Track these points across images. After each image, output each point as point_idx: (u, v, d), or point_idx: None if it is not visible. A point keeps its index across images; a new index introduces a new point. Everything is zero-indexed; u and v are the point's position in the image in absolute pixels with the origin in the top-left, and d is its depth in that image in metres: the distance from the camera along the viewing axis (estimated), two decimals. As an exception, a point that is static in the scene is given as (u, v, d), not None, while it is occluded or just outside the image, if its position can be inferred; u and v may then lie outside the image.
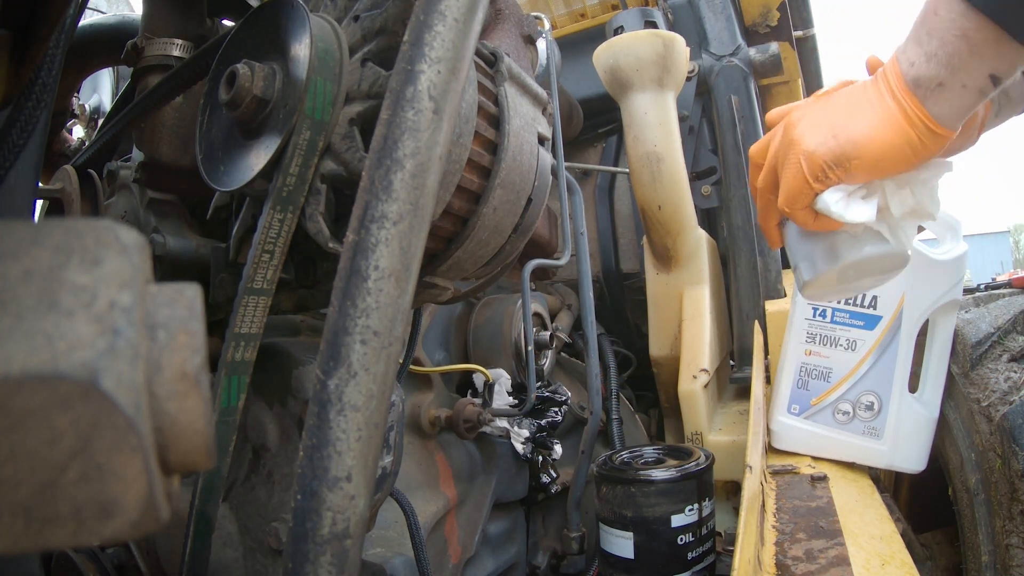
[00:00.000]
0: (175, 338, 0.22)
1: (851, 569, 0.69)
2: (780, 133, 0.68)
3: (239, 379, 0.50)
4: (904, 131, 0.59)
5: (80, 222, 0.21)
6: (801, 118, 0.65)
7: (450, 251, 0.55)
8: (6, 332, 0.19)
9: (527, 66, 0.68)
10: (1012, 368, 1.06)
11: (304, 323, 0.77)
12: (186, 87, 0.65)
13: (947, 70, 0.57)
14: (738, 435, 1.10)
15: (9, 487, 0.19)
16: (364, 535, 0.35)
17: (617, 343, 1.40)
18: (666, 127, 1.14)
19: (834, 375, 1.07)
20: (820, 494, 0.91)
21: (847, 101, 0.63)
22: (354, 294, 0.35)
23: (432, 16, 0.39)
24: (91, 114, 1.23)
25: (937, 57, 0.57)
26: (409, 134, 0.37)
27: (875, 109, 0.61)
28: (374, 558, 0.68)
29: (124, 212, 0.73)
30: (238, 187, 0.54)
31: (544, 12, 1.63)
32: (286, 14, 0.53)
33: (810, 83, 1.90)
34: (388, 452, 0.59)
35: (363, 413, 0.34)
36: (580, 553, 1.07)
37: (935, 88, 0.58)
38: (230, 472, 0.62)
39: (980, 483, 1.05)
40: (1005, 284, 1.69)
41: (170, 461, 0.22)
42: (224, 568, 0.62)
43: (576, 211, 1.09)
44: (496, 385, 0.97)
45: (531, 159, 0.58)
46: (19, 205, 0.52)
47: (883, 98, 0.60)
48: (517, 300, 1.11)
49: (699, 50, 1.46)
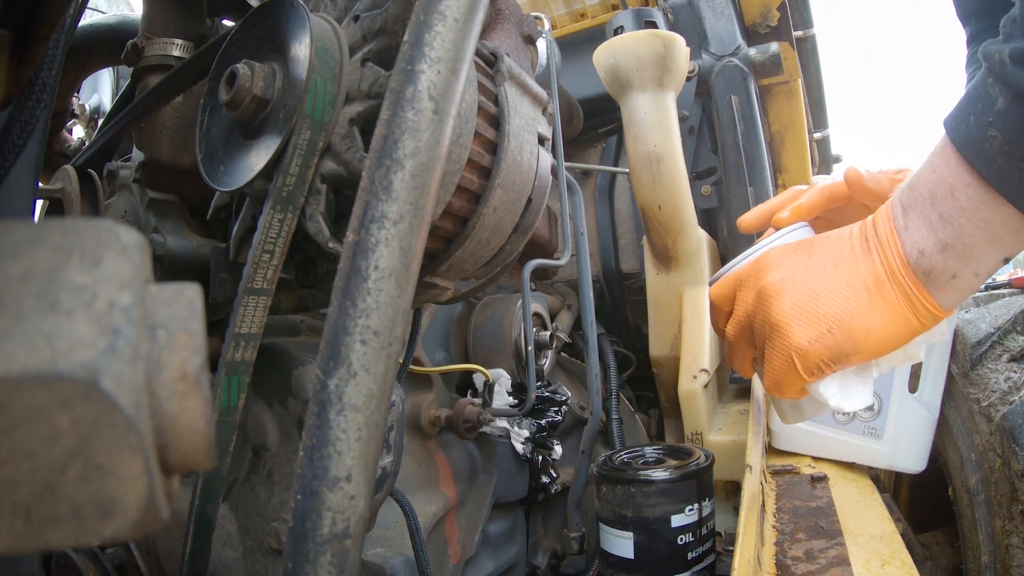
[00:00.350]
0: (175, 338, 0.22)
1: (851, 569, 0.69)
2: (753, 298, 0.60)
3: (239, 379, 0.50)
4: (909, 323, 0.54)
5: (80, 222, 0.21)
6: (781, 291, 0.57)
7: (450, 251, 0.55)
8: (6, 332, 0.19)
9: (527, 66, 0.68)
10: (1012, 368, 1.06)
11: (304, 323, 0.77)
12: (186, 87, 0.65)
13: (963, 262, 0.52)
14: (738, 435, 1.10)
15: (9, 487, 0.19)
16: (364, 535, 0.35)
17: (617, 343, 1.40)
18: (666, 127, 1.14)
19: (834, 375, 1.07)
20: (820, 494, 0.91)
21: (837, 278, 0.56)
22: (354, 294, 0.35)
23: (432, 16, 0.39)
24: (91, 114, 1.23)
25: (953, 249, 0.52)
26: (409, 134, 0.37)
27: (876, 300, 0.54)
28: (374, 558, 0.68)
29: (124, 212, 0.73)
30: (238, 187, 0.54)
31: (544, 12, 1.63)
32: (286, 14, 0.53)
33: (810, 83, 1.90)
34: (388, 452, 0.59)
35: (363, 413, 0.34)
36: (580, 553, 1.07)
37: (948, 280, 0.53)
38: (230, 472, 0.62)
39: (980, 483, 1.05)
40: (1005, 284, 1.69)
41: (170, 461, 0.22)
42: (224, 568, 0.62)
43: (576, 211, 1.09)
44: (496, 385, 0.97)
45: (531, 159, 0.58)
46: (19, 205, 0.52)
47: (885, 286, 0.54)
48: (517, 300, 1.11)
49: (699, 50, 1.46)
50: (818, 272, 0.56)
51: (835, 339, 0.55)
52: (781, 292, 0.57)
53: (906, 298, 0.54)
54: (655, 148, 1.14)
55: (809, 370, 0.57)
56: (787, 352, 0.57)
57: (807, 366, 0.56)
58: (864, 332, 0.54)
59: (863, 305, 0.55)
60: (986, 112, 0.49)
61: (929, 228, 0.52)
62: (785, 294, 0.57)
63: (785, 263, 0.59)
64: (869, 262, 0.55)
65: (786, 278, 0.58)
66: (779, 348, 0.58)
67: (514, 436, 0.98)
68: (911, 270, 0.53)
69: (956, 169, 0.51)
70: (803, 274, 0.57)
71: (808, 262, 0.57)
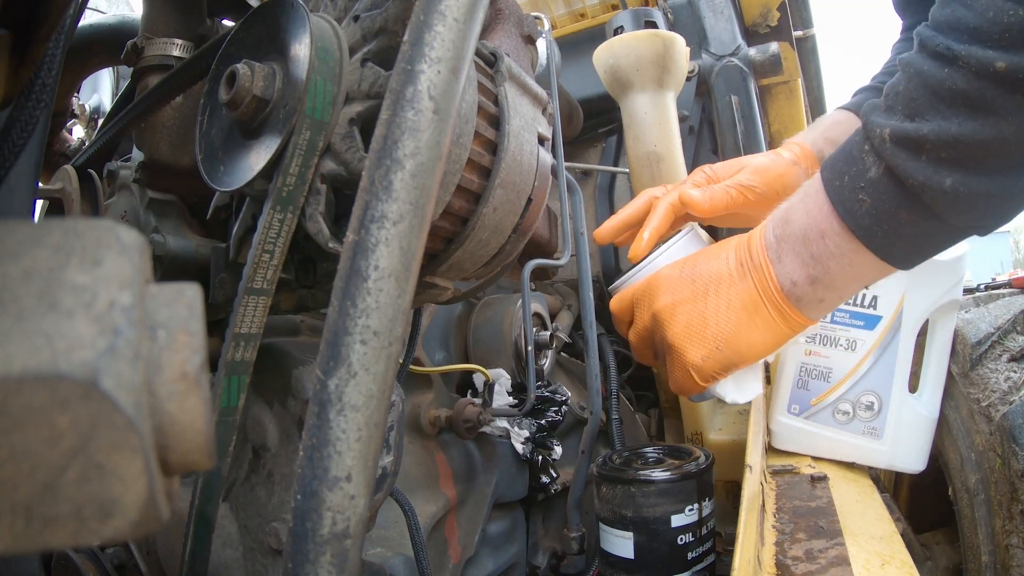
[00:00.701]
0: (175, 338, 0.22)
1: (851, 569, 0.69)
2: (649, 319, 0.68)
3: (239, 379, 0.50)
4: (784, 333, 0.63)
5: (80, 222, 0.21)
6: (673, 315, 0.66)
7: (450, 251, 0.55)
8: (6, 332, 0.19)
9: (527, 66, 0.68)
10: (1012, 368, 1.06)
11: (304, 323, 0.77)
12: (186, 87, 0.65)
13: (829, 291, 0.61)
14: (738, 435, 1.10)
15: (9, 487, 0.19)
16: (364, 535, 0.35)
17: (617, 343, 1.40)
18: (666, 127, 1.14)
19: (834, 375, 1.07)
20: (820, 494, 0.91)
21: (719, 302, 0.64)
22: (354, 294, 0.35)
23: (432, 16, 0.39)
24: (91, 114, 1.23)
25: (821, 282, 0.60)
26: (409, 134, 0.37)
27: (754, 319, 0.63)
28: (374, 558, 0.68)
29: (124, 212, 0.73)
30: (238, 187, 0.54)
31: (544, 12, 1.63)
32: (286, 14, 0.53)
33: (810, 83, 1.90)
34: (388, 452, 0.59)
35: (363, 413, 0.34)
36: (580, 553, 1.07)
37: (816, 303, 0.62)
38: (230, 472, 0.62)
39: (980, 483, 1.05)
40: (1005, 284, 1.69)
41: (170, 461, 0.22)
42: (224, 568, 0.62)
43: (576, 211, 1.09)
44: (496, 385, 0.97)
45: (531, 159, 0.58)
46: (19, 205, 0.52)
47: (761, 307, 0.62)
48: (517, 300, 1.11)
49: (699, 50, 1.45)
50: (702, 297, 0.65)
51: (723, 354, 0.64)
52: (673, 316, 0.66)
53: (780, 316, 0.62)
54: (655, 148, 1.14)
55: (704, 379, 0.66)
56: (684, 367, 0.66)
57: (702, 376, 0.66)
58: (747, 346, 0.64)
59: (743, 324, 0.63)
60: (859, 177, 0.56)
61: (801, 264, 0.60)
62: (676, 318, 0.66)
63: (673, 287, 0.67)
64: (746, 285, 0.63)
65: (676, 303, 0.66)
66: (677, 363, 0.67)
67: (514, 436, 0.98)
68: (784, 295, 0.62)
69: (828, 217, 0.59)
70: (690, 299, 0.65)
71: (693, 287, 0.66)
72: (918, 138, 0.52)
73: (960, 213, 0.53)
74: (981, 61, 0.48)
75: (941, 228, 0.54)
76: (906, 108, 0.53)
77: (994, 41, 0.47)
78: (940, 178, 0.51)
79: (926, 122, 0.51)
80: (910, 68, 0.54)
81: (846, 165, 0.58)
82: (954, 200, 0.52)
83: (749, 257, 0.64)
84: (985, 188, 0.51)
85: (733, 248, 0.66)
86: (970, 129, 0.49)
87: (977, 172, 0.50)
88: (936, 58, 0.51)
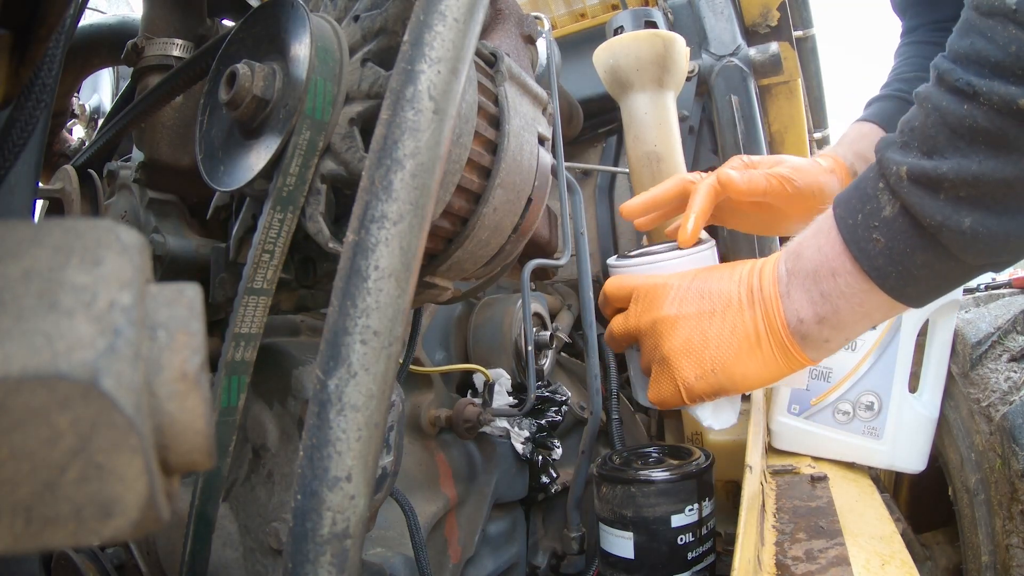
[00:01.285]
0: (175, 338, 0.22)
1: (851, 569, 0.69)
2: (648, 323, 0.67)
3: (239, 379, 0.50)
4: (781, 370, 0.62)
5: (80, 222, 0.21)
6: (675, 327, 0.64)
7: (450, 251, 0.55)
8: (6, 332, 0.19)
9: (527, 66, 0.68)
10: (1012, 368, 1.06)
11: (304, 323, 0.77)
12: (186, 87, 0.65)
13: (836, 332, 0.59)
14: (738, 435, 1.10)
15: (9, 487, 0.19)
16: (364, 535, 0.35)
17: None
18: (666, 127, 1.14)
19: (834, 375, 1.07)
20: (820, 494, 0.91)
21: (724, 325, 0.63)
22: (354, 294, 0.35)
23: (432, 16, 0.39)
24: (91, 114, 1.23)
25: (829, 321, 0.59)
26: (409, 134, 0.37)
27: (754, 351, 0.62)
28: (374, 558, 0.68)
29: (124, 212, 0.73)
30: (238, 187, 0.54)
31: (544, 12, 1.63)
32: (286, 14, 0.53)
33: (810, 83, 1.90)
34: (388, 452, 0.59)
35: (363, 413, 0.34)
36: (580, 553, 1.07)
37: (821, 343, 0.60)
38: (230, 472, 0.62)
39: (980, 483, 1.05)
40: (1005, 284, 1.69)
41: (170, 461, 0.22)
42: (224, 568, 0.62)
43: (576, 211, 1.09)
44: (496, 385, 0.97)
45: (531, 159, 0.58)
46: (19, 205, 0.52)
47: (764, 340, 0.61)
48: (517, 300, 1.11)
49: (699, 50, 1.45)
50: (708, 317, 0.64)
51: (717, 379, 0.63)
52: (674, 329, 0.65)
53: (782, 352, 0.61)
54: (655, 148, 1.14)
55: (691, 399, 0.65)
56: (674, 381, 0.65)
57: (690, 396, 0.65)
58: (742, 375, 0.63)
59: (743, 353, 0.62)
60: (873, 216, 0.55)
61: (810, 301, 0.59)
62: (677, 332, 0.64)
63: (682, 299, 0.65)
64: (752, 315, 0.62)
65: (680, 316, 0.65)
66: (667, 377, 0.66)
67: (514, 436, 0.98)
68: (790, 332, 0.60)
69: (840, 256, 0.57)
70: (695, 317, 0.64)
71: (700, 304, 0.64)
72: (936, 176, 0.50)
73: (978, 253, 0.51)
74: (1003, 98, 0.46)
75: (957, 267, 0.53)
76: (923, 145, 0.52)
77: (1017, 77, 0.46)
78: (959, 218, 0.50)
79: (945, 160, 0.50)
80: (928, 103, 0.52)
81: (860, 203, 0.56)
82: (972, 240, 0.50)
83: (760, 288, 0.62)
84: (1005, 228, 0.49)
85: (747, 273, 0.65)
86: (991, 167, 0.48)
87: (997, 211, 0.49)
88: (955, 93, 0.49)
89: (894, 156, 0.53)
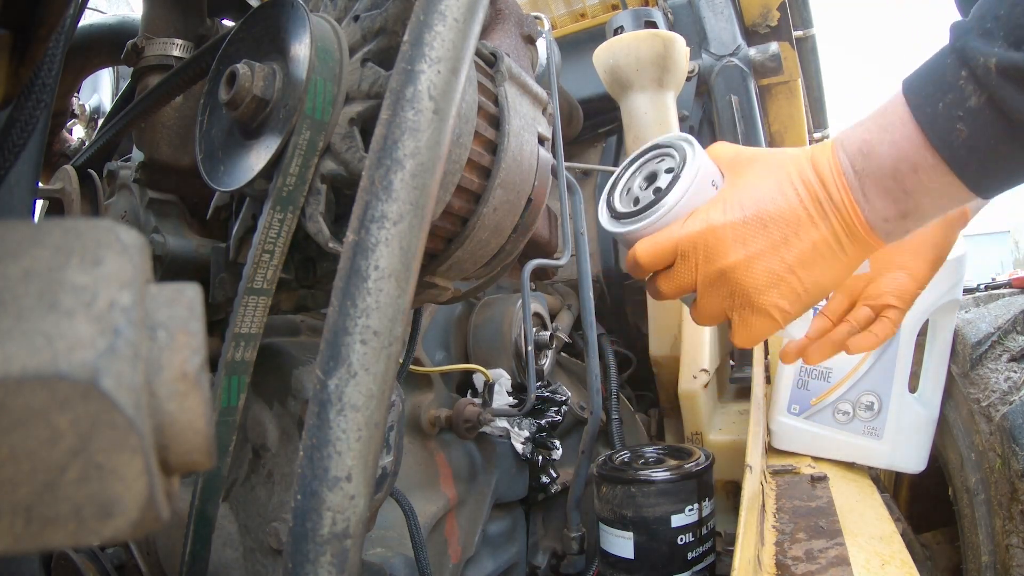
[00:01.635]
0: (175, 338, 0.22)
1: (851, 569, 0.69)
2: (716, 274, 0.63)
3: (239, 379, 0.50)
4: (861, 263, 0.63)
5: (80, 222, 0.21)
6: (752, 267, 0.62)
7: (450, 251, 0.55)
8: (6, 332, 0.19)
9: (527, 66, 0.68)
10: (1012, 368, 1.06)
11: (304, 323, 0.77)
12: (186, 87, 0.65)
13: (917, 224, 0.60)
14: (738, 435, 1.10)
15: (9, 487, 0.19)
16: (364, 535, 0.35)
17: (617, 343, 1.40)
18: (666, 127, 1.14)
19: (834, 375, 1.07)
20: (820, 494, 0.91)
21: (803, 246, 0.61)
22: (354, 294, 0.35)
23: (432, 16, 0.39)
24: (91, 114, 1.23)
25: (912, 216, 0.59)
26: (409, 134, 0.37)
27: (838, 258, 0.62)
28: (374, 558, 0.68)
29: (124, 212, 0.73)
30: (238, 187, 0.54)
31: (544, 12, 1.63)
32: (286, 14, 0.53)
33: (810, 83, 1.90)
34: (388, 452, 0.59)
35: (363, 413, 0.34)
36: (580, 553, 1.07)
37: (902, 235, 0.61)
38: (230, 472, 0.62)
39: (980, 483, 1.05)
40: (1005, 284, 1.69)
41: (170, 461, 0.22)
42: (224, 568, 0.62)
43: (576, 211, 1.09)
44: (496, 385, 0.97)
45: (531, 159, 0.58)
46: (19, 205, 0.52)
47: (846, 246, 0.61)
48: (517, 300, 1.11)
49: (699, 50, 1.45)
50: (783, 245, 0.62)
51: (809, 295, 0.63)
52: (751, 269, 0.63)
53: (865, 251, 0.61)
54: (655, 148, 1.14)
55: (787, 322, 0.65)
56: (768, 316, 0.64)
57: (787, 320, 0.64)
58: (832, 282, 0.63)
59: (828, 265, 0.62)
60: (956, 106, 0.53)
61: (893, 201, 0.58)
62: (756, 270, 0.62)
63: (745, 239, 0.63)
64: (828, 226, 0.61)
65: (752, 256, 0.62)
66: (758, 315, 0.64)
67: (514, 436, 0.98)
68: (873, 233, 0.60)
69: (919, 149, 0.55)
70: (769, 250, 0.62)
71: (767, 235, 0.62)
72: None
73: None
74: None
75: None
76: (1010, 35, 0.49)
77: None
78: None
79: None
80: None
81: (939, 92, 0.54)
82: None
83: (828, 196, 0.60)
84: None
85: (800, 182, 0.61)
86: None
87: None
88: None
89: (978, 45, 0.52)
